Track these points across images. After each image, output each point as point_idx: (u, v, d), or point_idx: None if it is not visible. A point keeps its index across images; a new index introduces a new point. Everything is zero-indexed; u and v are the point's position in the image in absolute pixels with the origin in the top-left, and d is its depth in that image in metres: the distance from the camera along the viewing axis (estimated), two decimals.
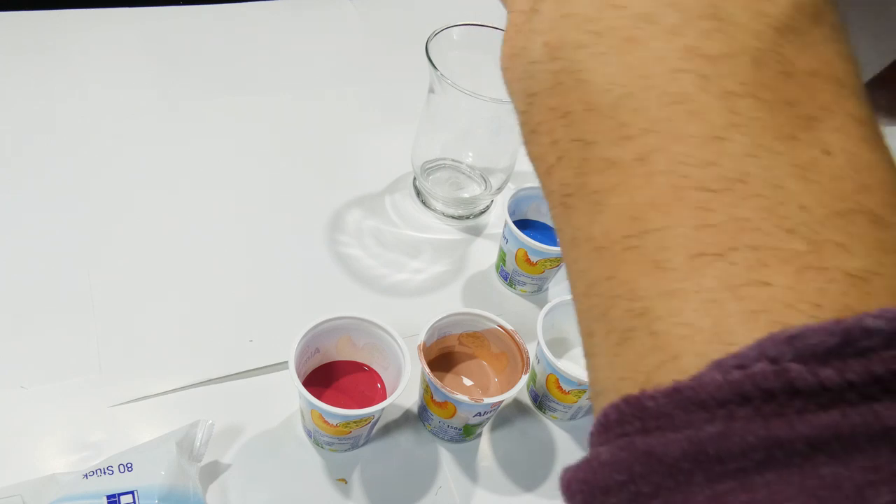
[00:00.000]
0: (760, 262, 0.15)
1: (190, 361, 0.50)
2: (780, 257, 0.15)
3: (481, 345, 0.51)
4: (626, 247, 0.17)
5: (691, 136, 0.16)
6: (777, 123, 0.16)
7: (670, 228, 0.16)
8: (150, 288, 0.54)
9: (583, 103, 0.18)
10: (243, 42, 0.79)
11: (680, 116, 0.16)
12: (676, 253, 0.16)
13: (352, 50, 0.82)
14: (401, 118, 0.67)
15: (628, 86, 0.17)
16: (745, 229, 0.15)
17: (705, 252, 0.16)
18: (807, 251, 0.15)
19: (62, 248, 0.55)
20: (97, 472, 0.40)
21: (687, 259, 0.16)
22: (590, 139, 0.18)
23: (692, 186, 0.16)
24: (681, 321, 0.16)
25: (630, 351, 0.17)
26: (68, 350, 0.49)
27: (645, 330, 0.16)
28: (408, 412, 0.51)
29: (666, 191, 0.16)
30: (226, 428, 0.47)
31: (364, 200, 0.65)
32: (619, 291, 0.17)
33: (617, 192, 0.17)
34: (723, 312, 0.15)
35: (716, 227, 0.16)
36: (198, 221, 0.59)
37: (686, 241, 0.16)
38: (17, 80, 0.68)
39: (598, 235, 0.18)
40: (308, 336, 0.44)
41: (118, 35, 0.76)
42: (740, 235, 0.15)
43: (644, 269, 0.17)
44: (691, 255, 0.16)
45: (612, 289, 0.17)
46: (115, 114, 0.67)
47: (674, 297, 0.16)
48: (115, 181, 0.61)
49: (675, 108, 0.17)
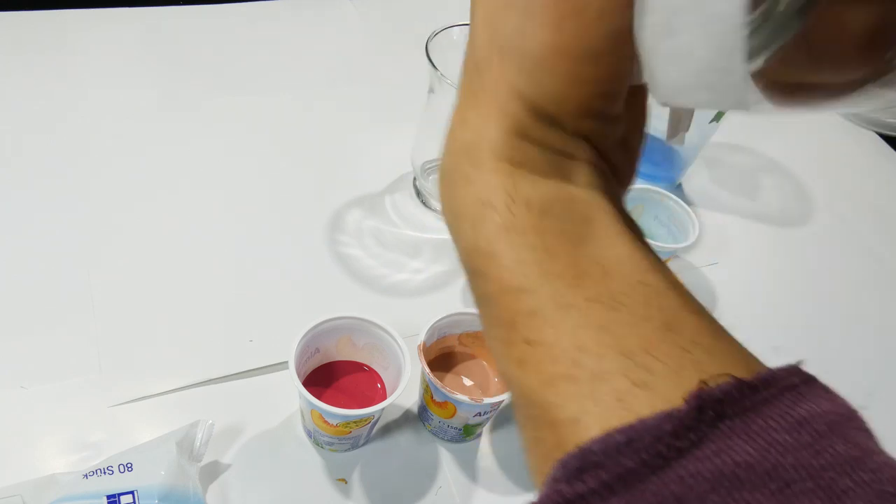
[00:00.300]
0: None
1: (190, 361, 0.50)
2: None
3: (481, 345, 0.51)
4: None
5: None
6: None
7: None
8: (150, 288, 0.54)
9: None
10: (243, 42, 0.79)
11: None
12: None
13: (352, 50, 0.82)
14: (401, 118, 0.67)
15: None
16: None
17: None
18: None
19: (62, 248, 0.55)
20: (97, 472, 0.40)
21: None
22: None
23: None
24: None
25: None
26: (68, 350, 0.49)
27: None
28: (408, 412, 0.51)
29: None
30: (226, 428, 0.47)
31: (364, 200, 0.65)
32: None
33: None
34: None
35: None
36: (198, 221, 0.59)
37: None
38: (17, 80, 0.68)
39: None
40: (308, 336, 0.44)
41: (118, 35, 0.76)
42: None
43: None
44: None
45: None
46: (115, 114, 0.67)
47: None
48: (115, 181, 0.61)
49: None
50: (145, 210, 0.59)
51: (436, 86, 0.55)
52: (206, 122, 0.69)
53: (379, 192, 0.66)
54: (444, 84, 0.52)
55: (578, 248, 0.21)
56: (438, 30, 0.55)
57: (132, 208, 0.59)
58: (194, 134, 0.67)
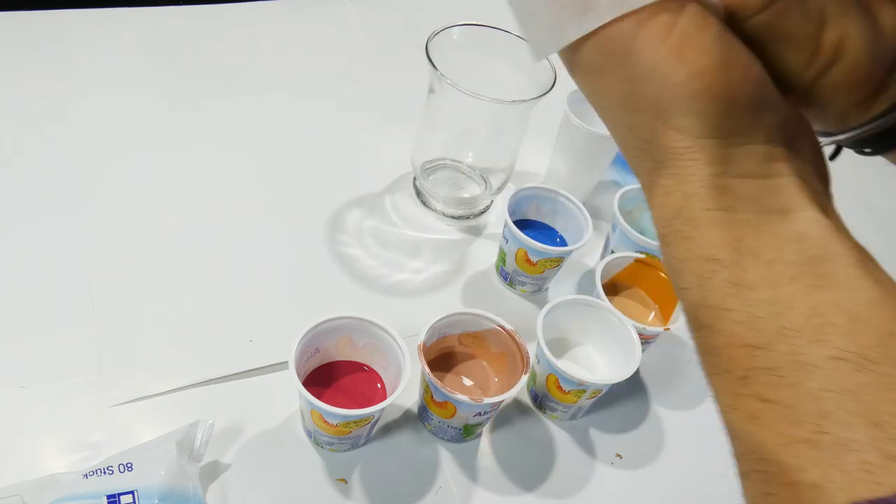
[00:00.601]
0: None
1: (190, 361, 0.50)
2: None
3: (481, 345, 0.51)
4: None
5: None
6: None
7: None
8: (150, 288, 0.54)
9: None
10: (243, 42, 0.79)
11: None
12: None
13: (352, 50, 0.82)
14: (401, 118, 0.67)
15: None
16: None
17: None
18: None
19: (62, 248, 0.55)
20: (97, 472, 0.40)
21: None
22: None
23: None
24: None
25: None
26: (68, 350, 0.49)
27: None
28: (408, 412, 0.51)
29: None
30: (226, 428, 0.47)
31: (364, 200, 0.65)
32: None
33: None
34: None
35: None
36: (198, 221, 0.59)
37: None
38: (17, 80, 0.68)
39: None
40: (308, 336, 0.44)
41: (118, 35, 0.76)
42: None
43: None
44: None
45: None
46: (115, 114, 0.67)
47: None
48: (115, 181, 0.61)
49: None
50: (145, 210, 0.59)
51: (436, 86, 0.55)
52: (206, 122, 0.69)
53: (379, 192, 0.66)
54: (444, 84, 0.52)
55: (817, 293, 0.19)
56: (438, 30, 0.55)
57: (132, 208, 0.59)
58: (194, 134, 0.67)
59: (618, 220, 0.59)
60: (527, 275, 0.58)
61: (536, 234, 0.60)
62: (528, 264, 0.57)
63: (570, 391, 0.48)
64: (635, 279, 0.58)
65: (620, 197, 0.61)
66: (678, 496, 0.50)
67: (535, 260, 0.56)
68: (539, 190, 0.60)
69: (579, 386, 0.48)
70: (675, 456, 0.52)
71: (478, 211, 0.66)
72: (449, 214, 0.65)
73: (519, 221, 0.60)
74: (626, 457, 0.52)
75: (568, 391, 0.49)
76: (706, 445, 0.54)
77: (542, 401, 0.52)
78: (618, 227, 0.60)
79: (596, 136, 0.62)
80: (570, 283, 0.63)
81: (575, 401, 0.49)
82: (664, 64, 0.20)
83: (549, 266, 0.57)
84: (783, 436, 0.19)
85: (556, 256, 0.56)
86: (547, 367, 0.48)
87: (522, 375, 0.45)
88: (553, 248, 0.55)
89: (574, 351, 0.55)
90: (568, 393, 0.49)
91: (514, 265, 0.58)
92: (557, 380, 0.48)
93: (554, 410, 0.52)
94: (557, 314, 0.51)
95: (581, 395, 0.49)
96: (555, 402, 0.51)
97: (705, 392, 0.62)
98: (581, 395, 0.49)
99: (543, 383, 0.50)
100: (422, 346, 0.45)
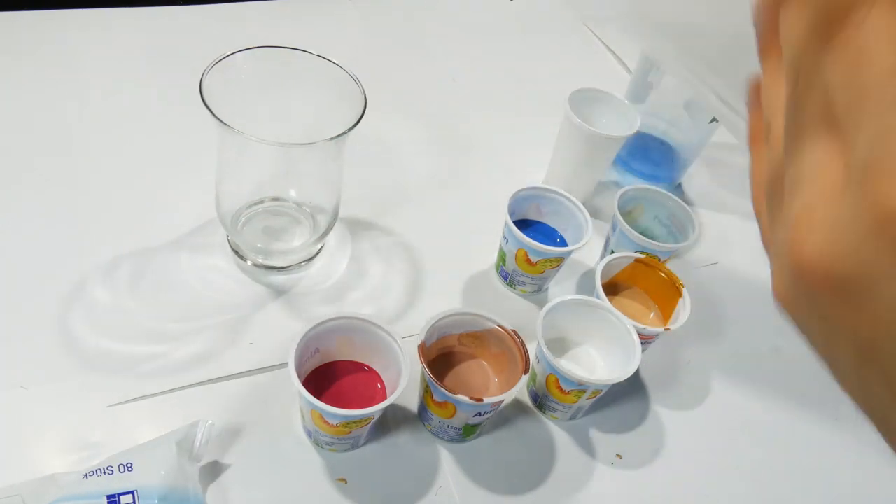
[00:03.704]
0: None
1: (190, 361, 0.50)
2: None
3: (481, 345, 0.51)
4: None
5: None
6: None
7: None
8: (150, 287, 0.54)
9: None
10: (243, 42, 0.79)
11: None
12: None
13: (352, 50, 0.82)
14: (412, 114, 0.67)
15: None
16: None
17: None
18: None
19: (62, 247, 0.55)
20: (97, 472, 0.40)
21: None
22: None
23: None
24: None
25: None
26: (68, 350, 0.49)
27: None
28: (408, 412, 0.51)
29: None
30: (226, 428, 0.47)
31: (362, 199, 0.65)
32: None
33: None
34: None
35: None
36: (198, 221, 0.59)
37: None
38: (17, 80, 0.68)
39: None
40: (308, 336, 0.44)
41: (118, 35, 0.76)
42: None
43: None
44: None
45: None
46: (115, 114, 0.67)
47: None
48: (114, 181, 0.61)
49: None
50: (145, 210, 0.59)
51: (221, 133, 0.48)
52: (206, 122, 0.69)
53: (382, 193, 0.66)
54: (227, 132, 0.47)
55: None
56: (217, 59, 0.50)
57: (132, 208, 0.59)
58: (194, 134, 0.67)
59: (618, 220, 0.59)
60: (527, 275, 0.58)
61: (536, 235, 0.60)
62: (528, 264, 0.57)
63: (569, 391, 0.48)
64: (635, 279, 0.58)
65: (620, 197, 0.61)
66: (678, 496, 0.51)
67: (535, 260, 0.56)
68: (539, 190, 0.60)
69: (579, 386, 0.48)
70: (675, 456, 0.52)
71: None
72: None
73: (519, 221, 0.60)
74: (625, 457, 0.52)
75: (568, 391, 0.49)
76: (706, 445, 0.54)
77: (542, 401, 0.52)
78: (618, 227, 0.60)
79: (596, 136, 0.62)
80: (570, 283, 0.63)
81: (575, 401, 0.49)
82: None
83: (549, 266, 0.57)
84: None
85: (556, 256, 0.56)
86: (547, 367, 0.49)
87: (522, 375, 0.45)
88: (553, 248, 0.55)
89: (574, 351, 0.55)
90: (568, 393, 0.49)
91: (514, 265, 0.58)
92: (557, 380, 0.48)
93: (554, 410, 0.52)
94: (557, 314, 0.51)
95: (581, 395, 0.49)
96: (555, 402, 0.51)
97: (705, 392, 0.62)
98: (581, 395, 0.49)
99: (543, 383, 0.50)
100: (422, 346, 0.45)
